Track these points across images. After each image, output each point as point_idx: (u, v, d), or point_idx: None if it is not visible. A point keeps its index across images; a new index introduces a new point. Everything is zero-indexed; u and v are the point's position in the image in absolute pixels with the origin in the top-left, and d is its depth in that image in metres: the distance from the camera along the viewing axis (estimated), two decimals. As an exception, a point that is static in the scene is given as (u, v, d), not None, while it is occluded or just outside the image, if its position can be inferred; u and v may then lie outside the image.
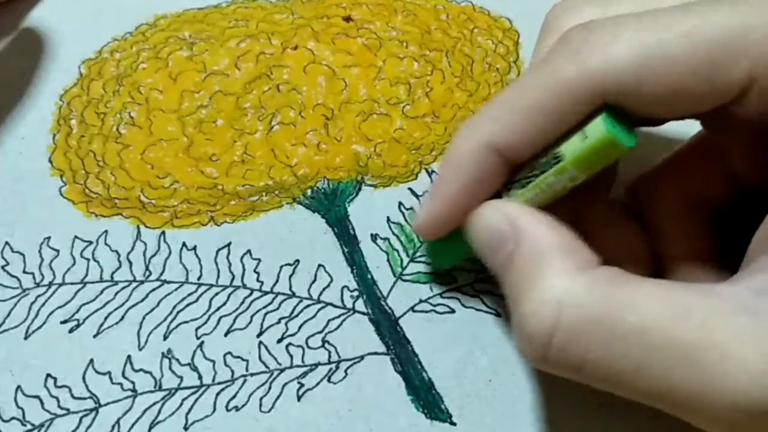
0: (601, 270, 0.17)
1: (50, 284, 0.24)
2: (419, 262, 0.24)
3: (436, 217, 0.21)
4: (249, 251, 0.24)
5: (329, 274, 0.24)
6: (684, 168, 0.22)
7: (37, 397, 0.21)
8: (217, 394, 0.22)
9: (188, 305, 0.23)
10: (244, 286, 0.24)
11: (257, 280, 0.24)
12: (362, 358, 0.22)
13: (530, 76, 0.19)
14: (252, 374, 0.22)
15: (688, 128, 0.21)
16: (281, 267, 0.24)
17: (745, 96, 0.17)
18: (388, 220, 0.25)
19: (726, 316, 0.15)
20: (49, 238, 0.25)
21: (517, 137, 0.18)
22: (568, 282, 0.16)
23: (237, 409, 0.21)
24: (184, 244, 0.24)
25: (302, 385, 0.22)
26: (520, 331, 0.17)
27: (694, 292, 0.16)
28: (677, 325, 0.15)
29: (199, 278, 0.24)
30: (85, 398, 0.21)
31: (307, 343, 0.22)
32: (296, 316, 0.23)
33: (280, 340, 0.23)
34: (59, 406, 0.21)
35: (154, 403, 0.21)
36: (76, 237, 0.25)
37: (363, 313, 0.23)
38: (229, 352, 0.22)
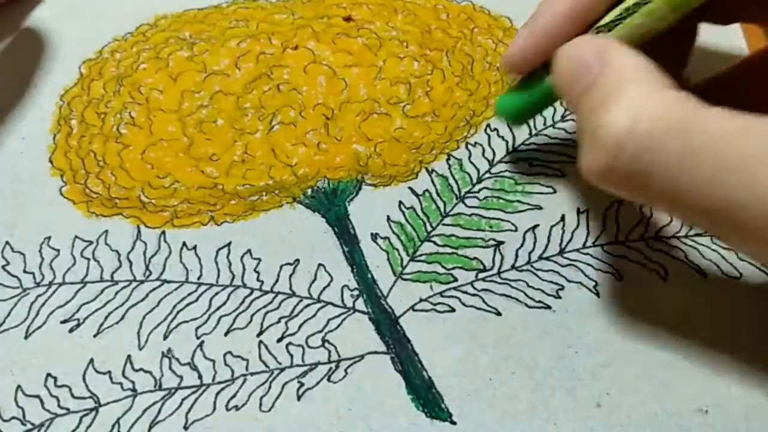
0: (679, 91, 0.18)
1: (50, 284, 0.24)
2: (419, 261, 0.24)
3: (529, 47, 0.21)
4: (249, 251, 0.24)
5: (329, 274, 0.24)
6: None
7: (37, 396, 0.21)
8: (217, 394, 0.22)
9: (188, 305, 0.23)
10: (244, 286, 0.24)
11: (257, 279, 0.24)
12: (362, 357, 0.22)
13: None
14: (252, 373, 0.22)
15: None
16: (281, 266, 0.24)
17: None
18: (388, 219, 0.25)
19: None
20: (49, 237, 0.25)
21: None
22: (648, 96, 0.17)
23: (237, 408, 0.21)
24: (184, 244, 0.24)
25: (302, 384, 0.22)
26: (594, 140, 0.17)
27: (761, 116, 0.17)
28: (742, 141, 0.16)
29: (199, 278, 0.24)
30: (85, 398, 0.21)
31: (307, 342, 0.22)
32: (296, 315, 0.23)
33: (280, 340, 0.22)
34: (59, 406, 0.21)
35: (154, 403, 0.21)
36: (76, 237, 0.25)
37: (363, 313, 0.23)
38: (229, 352, 0.22)
